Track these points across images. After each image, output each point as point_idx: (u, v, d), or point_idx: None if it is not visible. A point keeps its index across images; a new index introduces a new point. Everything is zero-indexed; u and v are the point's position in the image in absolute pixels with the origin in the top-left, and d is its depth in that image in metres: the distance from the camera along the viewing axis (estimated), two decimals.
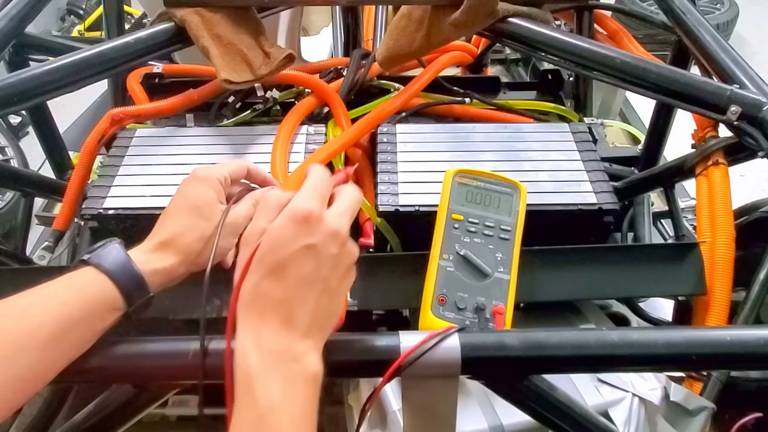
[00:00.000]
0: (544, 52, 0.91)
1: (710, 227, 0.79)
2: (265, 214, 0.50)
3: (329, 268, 0.48)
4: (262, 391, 0.44)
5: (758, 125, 0.76)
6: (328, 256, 0.48)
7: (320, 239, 0.47)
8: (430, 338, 0.52)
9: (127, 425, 0.59)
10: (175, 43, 0.93)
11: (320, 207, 0.49)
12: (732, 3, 3.36)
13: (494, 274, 0.64)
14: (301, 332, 0.47)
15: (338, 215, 0.50)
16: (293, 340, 0.46)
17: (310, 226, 0.47)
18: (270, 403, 0.43)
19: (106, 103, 1.29)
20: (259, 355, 0.45)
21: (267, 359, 0.45)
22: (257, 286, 0.47)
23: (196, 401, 0.96)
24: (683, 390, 0.73)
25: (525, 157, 0.89)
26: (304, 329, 0.47)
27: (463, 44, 1.28)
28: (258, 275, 0.47)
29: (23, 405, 0.49)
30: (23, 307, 0.48)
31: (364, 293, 0.74)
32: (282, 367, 0.45)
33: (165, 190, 0.84)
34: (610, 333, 0.55)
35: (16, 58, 1.05)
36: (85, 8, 3.36)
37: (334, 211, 0.50)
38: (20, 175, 1.13)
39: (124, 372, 0.53)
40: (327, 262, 0.48)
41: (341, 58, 1.19)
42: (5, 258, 1.06)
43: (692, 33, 0.92)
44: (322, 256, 0.48)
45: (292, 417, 0.44)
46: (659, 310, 1.02)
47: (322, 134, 0.95)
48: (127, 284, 0.52)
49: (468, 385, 0.71)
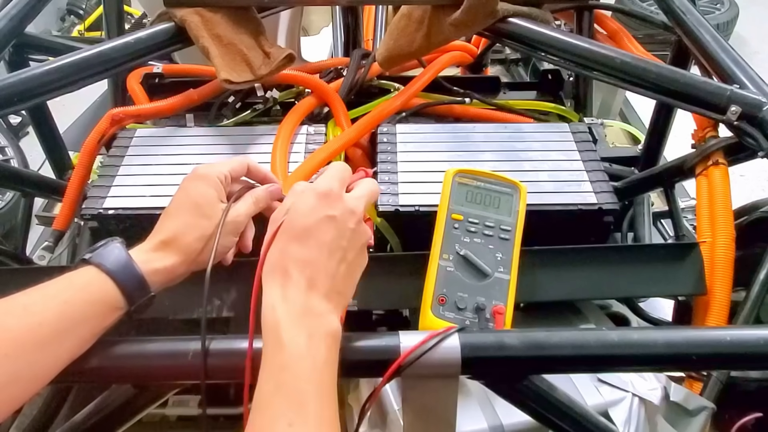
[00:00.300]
0: (544, 52, 0.91)
1: (710, 227, 0.79)
2: (292, 198, 0.54)
3: (347, 239, 0.53)
4: (289, 339, 0.47)
5: (758, 125, 0.76)
6: (346, 228, 0.53)
7: (340, 212, 0.53)
8: (430, 338, 0.52)
9: (127, 425, 0.59)
10: (175, 43, 0.93)
11: (340, 188, 0.55)
12: (732, 3, 3.36)
13: (494, 274, 0.64)
14: (323, 293, 0.50)
15: (355, 198, 0.56)
16: (316, 299, 0.50)
17: (330, 200, 0.53)
18: (296, 350, 0.46)
19: (106, 103, 1.29)
20: (286, 309, 0.48)
21: (293, 312, 0.48)
22: (283, 250, 0.51)
23: (196, 401, 0.96)
24: (683, 390, 0.73)
25: (525, 157, 0.89)
26: (325, 291, 0.51)
27: (463, 44, 1.28)
28: (284, 241, 0.52)
29: (23, 405, 0.49)
30: (25, 305, 0.48)
31: (364, 293, 0.74)
32: (307, 321, 0.48)
33: (165, 190, 0.84)
34: (610, 333, 0.55)
35: (16, 58, 1.05)
36: (85, 8, 3.36)
37: (352, 195, 0.56)
38: (20, 175, 1.13)
39: (124, 372, 0.53)
40: (345, 234, 0.53)
41: (341, 58, 1.19)
42: (5, 258, 1.06)
43: (692, 33, 0.92)
44: (342, 227, 0.53)
45: (315, 364, 0.47)
46: (659, 310, 1.02)
47: (322, 134, 0.95)
48: (128, 284, 0.52)
49: (468, 385, 0.71)
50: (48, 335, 0.47)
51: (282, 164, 0.86)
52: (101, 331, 0.52)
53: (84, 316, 0.50)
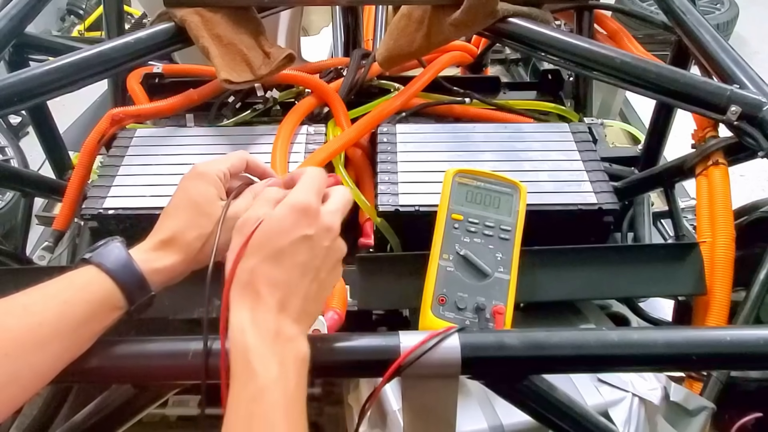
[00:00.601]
0: (544, 52, 0.91)
1: (710, 227, 0.79)
2: (262, 207, 0.52)
3: (321, 259, 0.51)
4: (260, 366, 0.45)
5: (758, 125, 0.76)
6: (321, 247, 0.51)
7: (316, 231, 0.51)
8: (430, 338, 0.52)
9: (127, 425, 0.59)
10: (175, 43, 0.93)
11: (317, 201, 0.52)
12: (732, 3, 3.36)
13: (494, 274, 0.64)
14: (293, 317, 0.49)
15: (332, 212, 0.53)
16: (287, 323, 0.49)
17: (308, 218, 0.51)
18: (268, 378, 0.45)
19: (106, 103, 1.29)
20: (257, 334, 0.47)
21: (264, 338, 0.47)
22: (255, 269, 0.49)
23: (196, 401, 0.96)
24: (683, 390, 0.73)
25: (525, 157, 0.89)
26: (295, 314, 0.49)
27: (463, 44, 1.28)
28: (256, 259, 0.49)
29: (23, 405, 0.49)
30: (25, 305, 0.48)
31: (364, 293, 0.74)
32: (278, 347, 0.47)
33: (165, 190, 0.84)
34: (610, 333, 0.55)
35: (16, 58, 1.05)
36: (85, 8, 3.35)
37: (328, 208, 0.53)
38: (20, 175, 1.13)
39: (124, 372, 0.53)
40: (320, 254, 0.51)
41: (341, 58, 1.19)
42: (5, 258, 1.06)
43: (692, 33, 0.92)
44: (317, 247, 0.51)
45: (286, 393, 0.46)
46: (659, 310, 1.02)
47: (322, 134, 0.95)
48: (128, 284, 0.52)
49: (468, 385, 0.71)
50: (48, 335, 0.47)
51: (282, 164, 0.86)
52: (101, 331, 0.52)
53: (84, 315, 0.49)
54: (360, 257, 0.75)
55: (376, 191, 0.84)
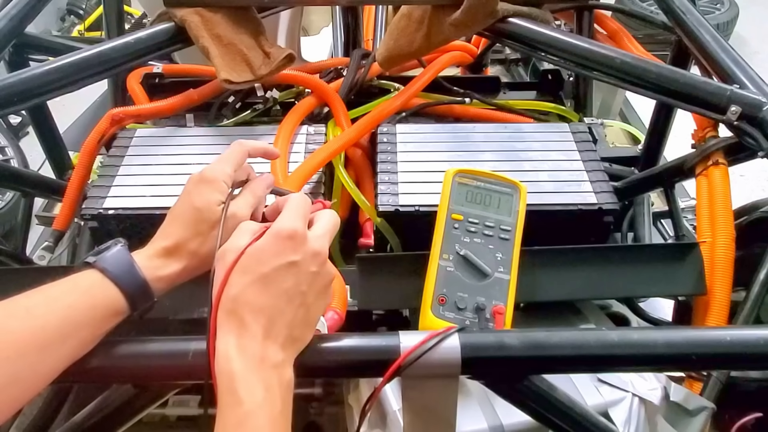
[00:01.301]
0: (544, 52, 0.91)
1: (710, 227, 0.79)
2: (243, 237, 0.52)
3: (308, 284, 0.51)
4: (246, 392, 0.46)
5: (758, 125, 0.76)
6: (308, 273, 0.51)
7: (302, 257, 0.51)
8: (430, 338, 0.52)
9: (127, 425, 0.59)
10: (175, 43, 0.93)
11: (303, 227, 0.52)
12: (732, 3, 3.36)
13: (494, 274, 0.64)
14: (279, 343, 0.49)
15: (319, 237, 0.53)
16: (273, 350, 0.49)
17: (294, 244, 0.51)
18: (253, 403, 0.46)
19: (106, 103, 1.29)
20: (242, 361, 0.47)
21: (250, 364, 0.47)
22: (240, 295, 0.49)
23: (196, 401, 0.96)
24: (683, 390, 0.73)
25: (525, 157, 0.89)
26: (281, 341, 0.49)
27: (463, 44, 1.28)
28: (242, 285, 0.49)
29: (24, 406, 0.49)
30: (27, 308, 0.48)
31: (364, 293, 0.74)
32: (263, 373, 0.47)
33: (165, 190, 0.84)
34: (610, 333, 0.55)
35: (16, 58, 1.05)
36: (85, 8, 3.35)
37: (315, 233, 0.53)
38: (20, 175, 1.13)
39: (124, 372, 0.53)
40: (306, 279, 0.51)
41: (341, 58, 1.19)
42: (5, 258, 1.06)
43: (692, 33, 0.92)
44: (303, 273, 0.51)
45: (272, 417, 0.46)
46: (659, 310, 1.02)
47: (322, 134, 0.95)
48: (132, 290, 0.52)
49: (468, 385, 0.71)
50: (50, 338, 0.47)
51: (282, 164, 0.86)
52: (102, 334, 0.52)
53: (87, 320, 0.49)
54: (360, 257, 0.75)
55: (376, 191, 0.84)
